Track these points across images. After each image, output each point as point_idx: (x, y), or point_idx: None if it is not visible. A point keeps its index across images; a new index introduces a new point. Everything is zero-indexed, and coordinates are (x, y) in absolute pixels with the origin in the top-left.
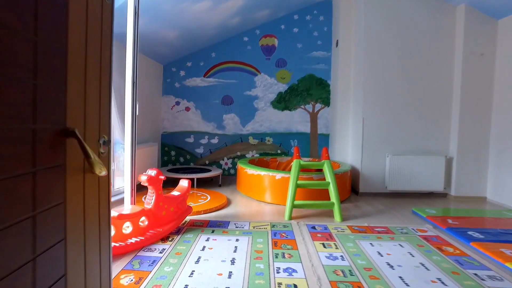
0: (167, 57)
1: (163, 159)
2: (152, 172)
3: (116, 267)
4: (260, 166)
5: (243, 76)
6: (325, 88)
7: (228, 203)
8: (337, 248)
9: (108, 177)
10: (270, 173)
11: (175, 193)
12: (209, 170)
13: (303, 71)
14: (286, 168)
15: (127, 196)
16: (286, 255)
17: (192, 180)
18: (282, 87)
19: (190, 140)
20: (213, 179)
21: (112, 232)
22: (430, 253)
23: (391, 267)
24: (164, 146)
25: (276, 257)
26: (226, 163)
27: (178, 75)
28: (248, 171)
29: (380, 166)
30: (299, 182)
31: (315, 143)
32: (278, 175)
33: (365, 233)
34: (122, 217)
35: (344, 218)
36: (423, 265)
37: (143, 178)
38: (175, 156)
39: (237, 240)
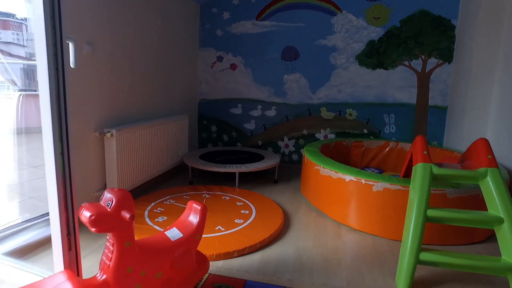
0: None
1: (201, 137)
2: (108, 199)
3: None
4: (337, 154)
5: (315, 16)
6: (446, 33)
7: (284, 225)
8: None
9: None
10: (363, 180)
11: (171, 233)
12: (261, 157)
13: (410, 6)
14: (375, 159)
15: (56, 248)
16: None
17: (233, 175)
18: (375, 33)
19: (237, 111)
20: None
21: None
22: None
23: None
24: (202, 118)
25: None
26: (286, 145)
27: (220, 18)
28: (322, 170)
29: None
30: (430, 212)
31: (423, 121)
32: (378, 185)
33: None
34: None
35: None
36: None
37: (84, 215)
38: (217, 133)
39: None
